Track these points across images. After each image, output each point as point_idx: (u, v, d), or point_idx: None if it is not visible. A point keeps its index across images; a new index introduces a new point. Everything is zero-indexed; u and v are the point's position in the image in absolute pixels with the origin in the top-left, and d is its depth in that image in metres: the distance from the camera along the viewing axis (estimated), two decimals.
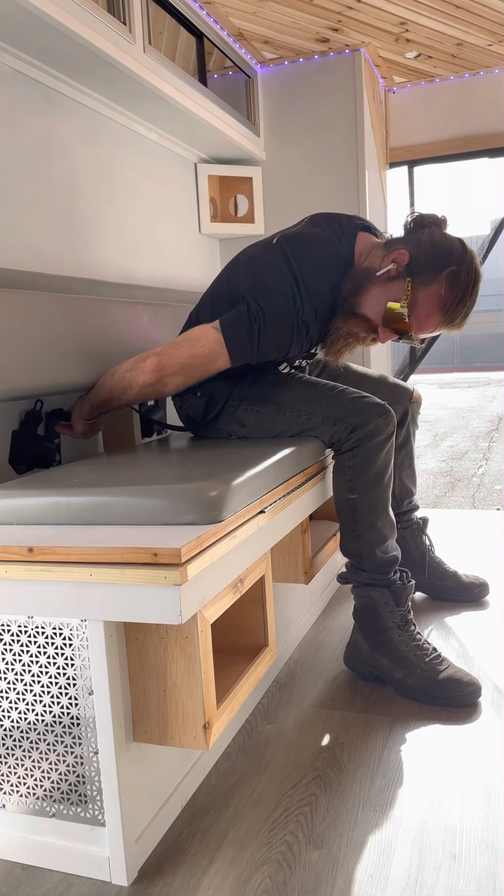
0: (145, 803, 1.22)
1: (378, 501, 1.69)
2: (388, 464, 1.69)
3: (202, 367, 1.64)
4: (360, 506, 1.69)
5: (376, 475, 1.67)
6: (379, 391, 2.02)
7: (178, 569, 1.01)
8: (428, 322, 1.64)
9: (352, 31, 2.67)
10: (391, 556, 1.72)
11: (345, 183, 2.85)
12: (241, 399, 1.77)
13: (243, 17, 2.58)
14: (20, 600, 1.11)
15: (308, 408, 1.72)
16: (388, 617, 1.69)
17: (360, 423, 1.67)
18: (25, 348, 1.47)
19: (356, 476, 1.68)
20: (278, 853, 1.20)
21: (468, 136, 3.05)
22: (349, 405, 1.69)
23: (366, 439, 1.66)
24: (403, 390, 2.11)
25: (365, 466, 1.67)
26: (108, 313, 1.78)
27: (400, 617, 1.69)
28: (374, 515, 1.69)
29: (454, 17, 2.57)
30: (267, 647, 1.46)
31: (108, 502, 1.20)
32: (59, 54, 1.76)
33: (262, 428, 1.76)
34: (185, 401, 1.83)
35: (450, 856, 1.17)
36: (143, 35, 1.97)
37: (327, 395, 1.73)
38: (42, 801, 1.20)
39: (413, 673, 1.65)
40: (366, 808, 1.30)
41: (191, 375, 1.66)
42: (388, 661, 1.68)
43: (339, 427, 1.68)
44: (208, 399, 1.79)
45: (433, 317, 1.63)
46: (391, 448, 1.70)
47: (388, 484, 1.70)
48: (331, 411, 1.70)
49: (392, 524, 1.73)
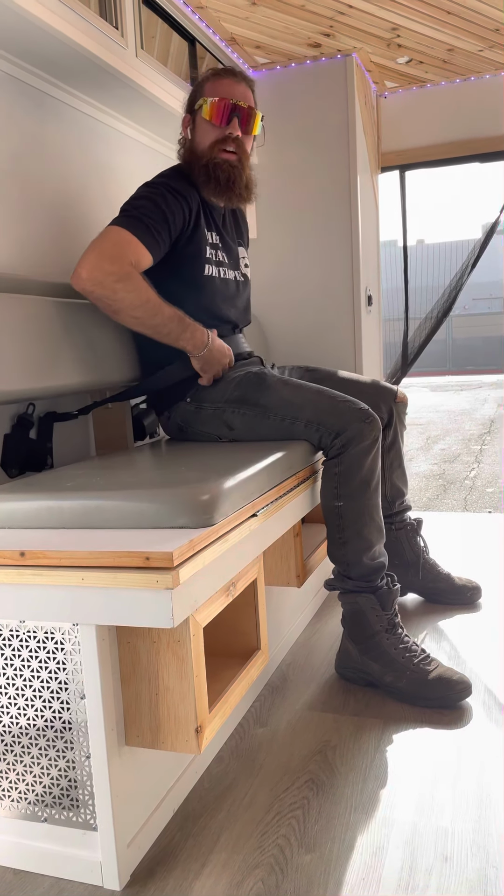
0: (137, 807, 1.22)
1: (364, 509, 1.68)
2: (374, 470, 1.68)
3: (117, 247, 1.61)
4: (346, 513, 1.68)
5: (362, 482, 1.66)
6: (363, 392, 2.03)
7: (170, 572, 1.01)
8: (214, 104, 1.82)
9: (344, 36, 2.68)
10: (378, 562, 1.71)
11: (337, 186, 2.86)
12: (226, 401, 1.77)
13: (235, 21, 2.59)
14: (12, 604, 1.11)
15: (292, 412, 1.71)
16: (375, 621, 1.69)
17: (342, 428, 1.66)
18: (17, 352, 1.46)
19: (342, 483, 1.67)
20: (270, 856, 1.20)
21: (459, 140, 3.06)
22: (331, 409, 1.69)
23: (350, 445, 1.65)
24: (387, 391, 2.10)
25: (350, 473, 1.66)
26: (101, 317, 1.78)
27: (387, 621, 1.69)
28: (361, 523, 1.68)
29: (445, 22, 2.59)
30: (259, 651, 1.47)
31: (100, 506, 1.20)
32: (51, 59, 1.76)
33: (249, 431, 1.76)
34: (173, 410, 1.83)
35: (441, 858, 1.18)
36: (135, 39, 1.97)
37: (310, 398, 1.72)
38: (34, 805, 1.20)
39: (403, 675, 1.65)
40: (358, 810, 1.31)
41: (116, 261, 1.59)
42: (377, 665, 1.68)
43: (323, 432, 1.68)
44: (197, 404, 1.79)
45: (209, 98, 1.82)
46: (377, 454, 1.69)
47: (374, 490, 1.69)
48: (314, 416, 1.69)
49: (380, 530, 1.72)
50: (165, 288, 1.72)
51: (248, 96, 1.86)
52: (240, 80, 1.85)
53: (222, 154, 1.81)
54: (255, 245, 2.98)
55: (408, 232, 3.38)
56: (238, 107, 1.81)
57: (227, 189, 1.82)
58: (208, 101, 1.81)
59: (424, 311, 3.39)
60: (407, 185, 3.26)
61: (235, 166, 1.82)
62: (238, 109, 1.81)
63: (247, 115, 1.83)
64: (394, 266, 3.72)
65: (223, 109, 1.80)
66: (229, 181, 1.81)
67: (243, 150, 1.85)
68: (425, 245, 24.70)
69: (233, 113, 1.81)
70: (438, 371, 20.40)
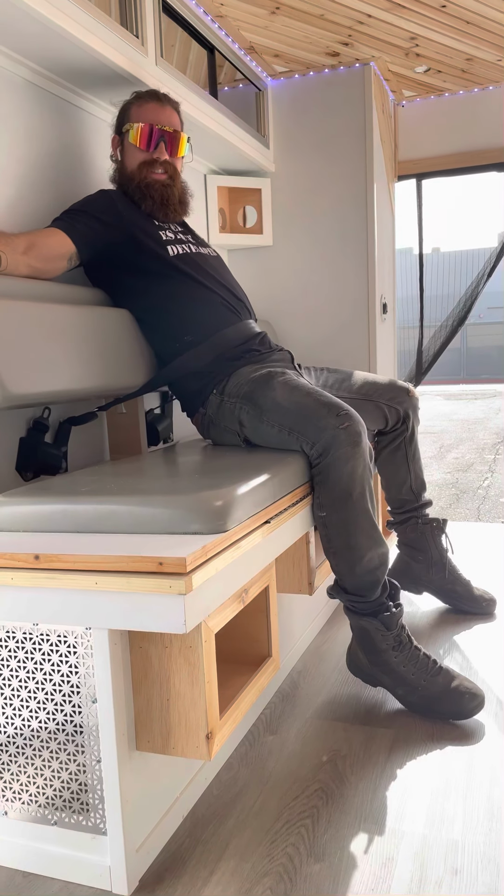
0: (147, 813, 1.22)
1: (348, 519, 1.59)
2: (355, 479, 1.58)
3: (41, 237, 1.63)
4: (331, 524, 1.61)
5: (343, 491, 1.58)
6: (380, 391, 2.09)
7: (182, 578, 1.01)
8: (140, 129, 1.86)
9: (362, 45, 2.69)
10: (373, 576, 1.63)
11: (353, 195, 2.86)
12: (239, 396, 1.77)
13: (254, 30, 2.60)
14: (26, 607, 1.11)
15: (279, 419, 1.67)
16: (381, 641, 1.64)
17: (317, 437, 1.59)
18: (33, 357, 1.48)
19: (323, 493, 1.60)
20: (279, 865, 1.20)
21: (477, 150, 3.06)
22: (310, 416, 1.62)
23: (326, 453, 1.58)
24: (403, 388, 2.15)
25: (329, 482, 1.59)
26: (115, 322, 1.79)
27: (393, 639, 1.63)
28: (347, 532, 1.60)
29: (464, 32, 2.59)
30: (270, 658, 1.46)
31: (114, 511, 1.20)
32: (71, 66, 1.78)
33: (253, 431, 1.75)
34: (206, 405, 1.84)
35: (451, 870, 1.17)
36: (155, 48, 1.99)
37: (297, 402, 1.66)
38: (44, 808, 1.20)
39: (414, 691, 1.63)
40: (367, 820, 1.30)
41: (33, 248, 1.60)
42: (388, 678, 1.65)
43: (304, 441, 1.62)
44: (221, 397, 1.81)
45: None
46: (359, 459, 1.58)
47: (360, 498, 1.59)
48: (295, 424, 1.64)
49: (372, 538, 1.62)
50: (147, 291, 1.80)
51: (174, 120, 1.90)
52: (165, 104, 1.89)
53: (152, 175, 1.86)
54: (271, 252, 3.00)
55: (424, 240, 3.38)
56: (164, 132, 1.85)
57: (163, 206, 1.88)
58: (134, 126, 1.84)
59: (439, 319, 3.39)
60: (423, 193, 3.26)
61: (167, 185, 1.88)
62: (164, 134, 1.86)
63: (172, 139, 1.88)
64: (409, 274, 3.72)
65: (149, 135, 1.84)
66: (163, 199, 1.87)
67: (173, 168, 1.90)
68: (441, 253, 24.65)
69: (160, 138, 1.85)
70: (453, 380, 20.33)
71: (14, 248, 1.56)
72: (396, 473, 2.21)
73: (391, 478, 2.22)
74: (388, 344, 3.13)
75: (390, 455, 2.19)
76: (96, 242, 1.74)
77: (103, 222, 1.75)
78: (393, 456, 2.19)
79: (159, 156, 1.86)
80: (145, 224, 1.84)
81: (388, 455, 2.19)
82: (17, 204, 1.74)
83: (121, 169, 1.90)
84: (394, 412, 2.13)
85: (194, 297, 1.85)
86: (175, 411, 2.21)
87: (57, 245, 1.66)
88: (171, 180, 1.89)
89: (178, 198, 1.90)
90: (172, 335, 1.85)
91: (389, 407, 2.11)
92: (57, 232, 1.68)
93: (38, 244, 1.62)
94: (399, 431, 2.17)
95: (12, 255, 1.54)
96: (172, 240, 1.88)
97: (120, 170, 1.90)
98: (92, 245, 1.73)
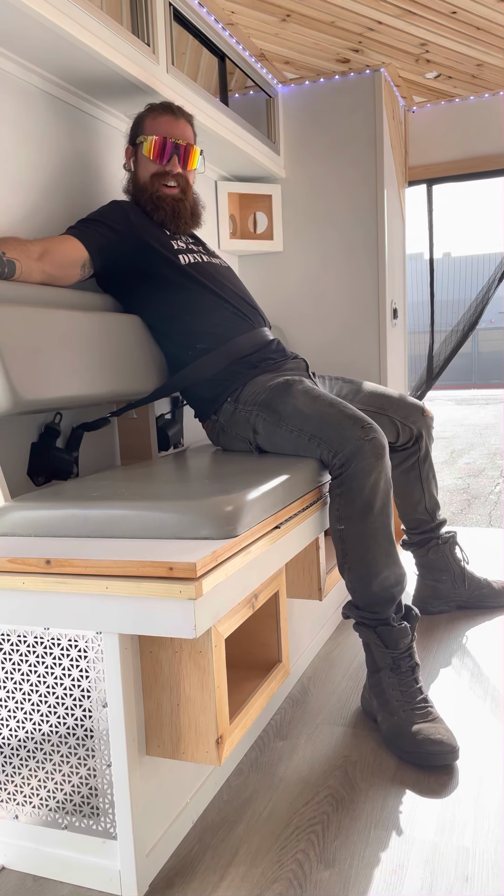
0: (157, 817, 1.22)
1: (367, 533, 1.57)
2: (377, 492, 1.56)
3: (55, 243, 1.65)
4: (349, 537, 1.59)
5: (364, 504, 1.56)
6: (391, 407, 2.09)
7: (193, 583, 1.02)
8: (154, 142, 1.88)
9: (372, 51, 2.70)
10: (388, 593, 1.59)
11: (363, 201, 2.86)
12: (255, 404, 1.77)
13: (265, 38, 2.62)
14: (37, 612, 1.12)
15: (300, 424, 1.66)
16: (379, 657, 1.59)
17: (341, 447, 1.58)
18: (45, 363, 1.49)
19: (343, 505, 1.58)
20: (289, 871, 1.19)
21: (487, 155, 3.06)
22: (334, 425, 1.61)
23: (349, 464, 1.56)
24: (416, 406, 2.15)
25: (351, 495, 1.57)
26: (126, 328, 1.80)
27: (392, 659, 1.58)
28: (364, 548, 1.57)
29: (474, 38, 2.59)
30: (280, 663, 1.46)
31: (124, 516, 1.21)
32: (83, 75, 1.79)
33: (268, 438, 1.74)
34: (219, 412, 1.85)
35: (462, 878, 1.16)
36: (166, 56, 2.00)
37: (320, 410, 1.65)
38: (54, 812, 1.21)
39: (389, 719, 1.55)
40: (378, 827, 1.30)
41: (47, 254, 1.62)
42: (376, 701, 1.60)
43: (324, 448, 1.61)
44: (235, 405, 1.81)
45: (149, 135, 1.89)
46: (381, 473, 1.57)
47: (380, 513, 1.57)
48: (317, 430, 1.63)
49: (390, 556, 1.59)
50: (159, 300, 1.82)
51: (188, 133, 1.92)
52: (179, 117, 1.90)
53: (164, 189, 1.88)
54: (282, 257, 3.00)
55: (434, 245, 3.37)
56: (177, 145, 1.87)
57: (175, 219, 1.90)
58: (148, 139, 1.86)
59: (450, 324, 3.38)
60: (434, 198, 3.26)
61: (179, 199, 1.89)
62: (177, 147, 1.88)
63: (185, 152, 1.90)
64: (420, 279, 3.71)
65: (162, 147, 1.86)
66: (175, 212, 1.89)
67: (185, 180, 1.92)
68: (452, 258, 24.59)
69: (173, 151, 1.87)
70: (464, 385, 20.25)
71: (29, 254, 1.57)
72: (411, 493, 2.22)
73: (406, 497, 2.23)
74: (398, 349, 3.13)
75: (404, 475, 2.19)
76: (109, 250, 1.75)
77: (116, 231, 1.77)
78: (407, 476, 2.19)
79: (172, 168, 1.88)
80: (157, 233, 1.85)
81: (402, 475, 2.20)
82: (32, 211, 1.76)
83: (134, 180, 1.92)
84: (407, 430, 2.13)
85: (206, 305, 1.86)
86: (186, 417, 2.22)
87: (70, 251, 1.68)
88: (182, 194, 1.90)
89: (189, 210, 1.92)
90: (185, 343, 1.86)
91: (403, 424, 2.12)
92: (70, 239, 1.69)
93: (52, 250, 1.63)
94: (412, 451, 2.17)
95: (27, 261, 1.56)
96: (184, 249, 1.89)
97: (133, 180, 1.92)
98: (105, 252, 1.74)
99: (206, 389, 1.86)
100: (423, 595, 2.28)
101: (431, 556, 2.25)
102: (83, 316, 1.65)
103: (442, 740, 1.48)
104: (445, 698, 1.75)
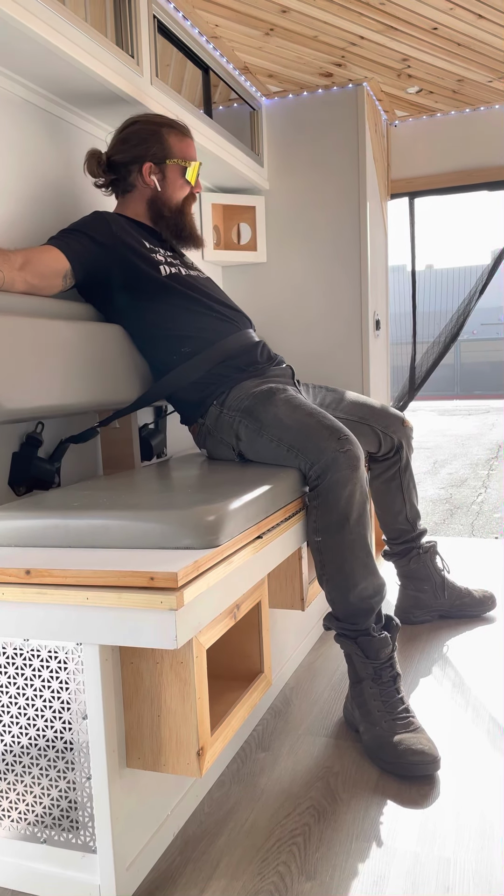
0: (137, 831, 1.21)
1: (343, 544, 1.57)
2: (353, 503, 1.56)
3: (37, 253, 1.65)
4: (325, 549, 1.59)
5: (340, 516, 1.56)
6: (373, 416, 2.13)
7: (174, 593, 1.01)
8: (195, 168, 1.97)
9: (355, 66, 2.73)
10: (367, 604, 1.59)
11: (346, 213, 2.89)
12: (239, 410, 1.77)
13: (249, 51, 2.64)
14: (16, 622, 1.11)
15: (279, 434, 1.66)
16: (360, 668, 1.59)
17: (317, 458, 1.58)
18: (26, 372, 1.48)
19: (320, 517, 1.58)
20: (270, 884, 1.19)
21: (468, 169, 3.10)
22: (311, 435, 1.61)
23: (324, 475, 1.57)
24: (397, 417, 2.19)
25: (327, 506, 1.57)
26: (108, 337, 1.80)
27: (373, 669, 1.57)
28: (341, 559, 1.57)
29: (455, 54, 2.63)
30: (263, 674, 1.46)
31: (106, 525, 1.21)
32: (67, 85, 1.80)
33: (249, 445, 1.75)
34: (206, 416, 1.85)
35: (443, 888, 1.16)
36: (150, 68, 2.01)
37: (299, 420, 1.65)
38: (33, 826, 1.19)
39: (371, 730, 1.54)
40: (359, 838, 1.29)
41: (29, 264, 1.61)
42: (358, 712, 1.60)
43: (302, 460, 1.61)
44: (220, 409, 1.82)
45: None
46: (356, 484, 1.57)
47: (357, 524, 1.57)
48: (295, 440, 1.63)
49: (368, 567, 1.59)
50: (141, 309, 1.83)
51: None
52: (192, 139, 2.00)
53: (190, 211, 1.99)
54: (265, 269, 3.02)
55: (417, 257, 3.41)
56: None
57: (190, 240, 1.99)
58: (191, 165, 1.94)
59: (432, 335, 3.41)
60: (416, 211, 3.29)
61: (193, 217, 2.01)
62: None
63: None
64: (403, 291, 3.75)
65: (198, 174, 1.98)
66: (191, 234, 1.98)
67: None
68: (435, 270, 24.83)
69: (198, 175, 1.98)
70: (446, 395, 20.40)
71: (11, 264, 1.57)
72: (392, 504, 2.24)
73: (387, 508, 2.25)
74: (381, 360, 3.15)
75: (385, 485, 2.22)
76: (90, 260, 1.75)
77: (97, 242, 1.77)
78: (388, 486, 2.21)
79: (199, 190, 2.00)
80: (137, 245, 1.85)
81: (383, 485, 2.22)
82: (16, 220, 1.76)
83: (158, 198, 1.94)
84: (388, 440, 2.15)
85: (190, 311, 1.86)
86: (169, 426, 2.22)
87: (52, 261, 1.67)
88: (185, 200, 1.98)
89: (196, 230, 2.02)
90: (169, 349, 1.86)
91: (384, 434, 2.15)
92: (52, 249, 1.69)
93: (34, 261, 1.63)
94: (393, 461, 2.19)
95: (9, 271, 1.55)
96: (163, 261, 1.90)
97: (157, 198, 1.93)
98: (86, 263, 1.74)
99: (192, 393, 1.86)
100: (405, 605, 2.29)
101: (413, 566, 2.26)
102: (65, 325, 1.65)
103: (423, 750, 1.47)
104: (427, 708, 1.75)
